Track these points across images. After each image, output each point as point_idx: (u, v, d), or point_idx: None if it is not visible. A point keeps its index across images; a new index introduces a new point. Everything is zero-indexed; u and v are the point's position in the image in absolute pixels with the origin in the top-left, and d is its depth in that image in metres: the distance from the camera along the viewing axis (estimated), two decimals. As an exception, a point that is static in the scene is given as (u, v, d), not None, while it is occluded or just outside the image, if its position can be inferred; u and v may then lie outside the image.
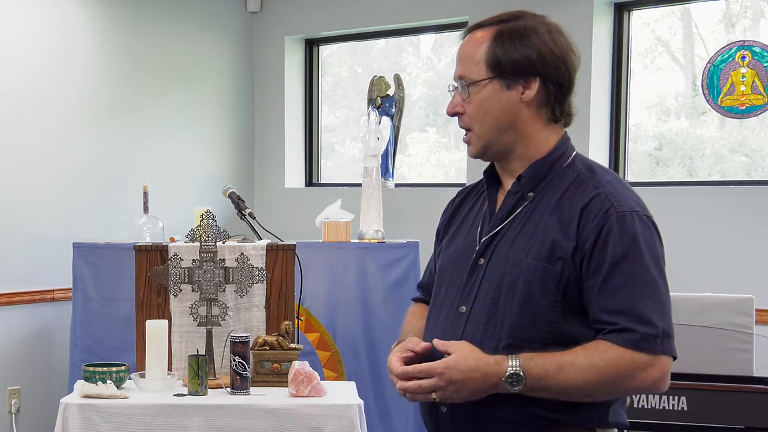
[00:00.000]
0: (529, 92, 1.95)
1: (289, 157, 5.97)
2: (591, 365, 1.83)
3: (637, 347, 1.82)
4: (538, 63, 1.94)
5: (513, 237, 1.95)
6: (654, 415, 3.55)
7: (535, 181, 1.97)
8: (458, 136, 5.62)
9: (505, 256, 1.94)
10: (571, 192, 1.93)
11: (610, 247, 1.85)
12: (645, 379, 1.84)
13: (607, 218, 1.86)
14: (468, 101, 1.99)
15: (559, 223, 1.90)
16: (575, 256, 1.87)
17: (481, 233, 2.02)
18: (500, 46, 1.94)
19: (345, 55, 6.19)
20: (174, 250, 3.54)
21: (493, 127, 1.98)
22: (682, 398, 3.51)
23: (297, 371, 3.31)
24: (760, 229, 4.29)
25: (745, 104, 4.32)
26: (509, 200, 1.99)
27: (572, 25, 4.66)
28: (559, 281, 1.88)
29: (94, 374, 3.35)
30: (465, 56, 1.99)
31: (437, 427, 2.06)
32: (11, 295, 4.87)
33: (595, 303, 1.86)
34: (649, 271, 1.86)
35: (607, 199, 1.89)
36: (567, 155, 2.00)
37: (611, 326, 1.84)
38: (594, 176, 1.95)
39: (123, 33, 5.33)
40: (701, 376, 3.56)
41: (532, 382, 1.84)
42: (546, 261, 1.88)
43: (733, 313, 3.67)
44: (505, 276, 1.92)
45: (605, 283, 1.85)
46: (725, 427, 3.47)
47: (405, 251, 4.59)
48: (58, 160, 5.03)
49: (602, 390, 1.87)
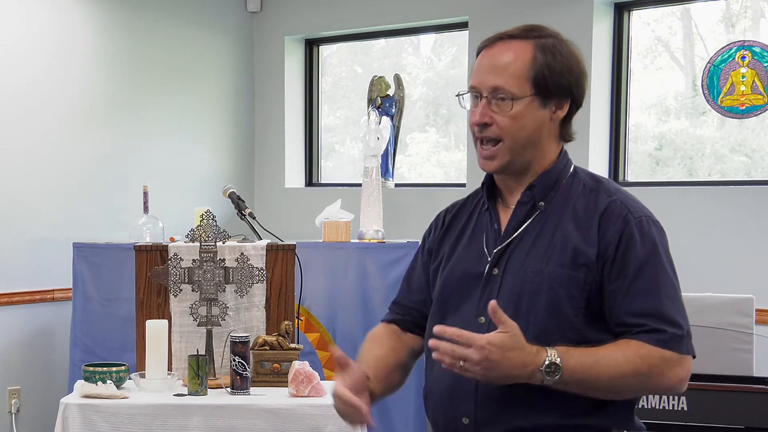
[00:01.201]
0: (560, 112, 2.00)
1: (289, 157, 5.97)
2: (626, 360, 1.85)
3: (667, 347, 1.86)
4: (575, 87, 2.01)
5: (528, 246, 1.97)
6: (654, 415, 3.54)
7: (545, 191, 2.00)
8: (458, 137, 5.62)
9: (523, 265, 1.95)
10: (583, 201, 1.97)
11: (633, 252, 1.90)
12: (672, 378, 1.88)
13: (626, 224, 1.92)
14: (502, 114, 1.96)
15: (578, 231, 1.93)
16: (598, 261, 1.91)
17: (489, 245, 2.02)
18: (546, 66, 1.96)
19: (345, 55, 6.19)
20: (174, 250, 3.54)
21: (523, 142, 1.98)
22: (682, 398, 3.51)
23: (297, 371, 3.31)
24: (760, 229, 4.29)
25: (745, 104, 4.32)
26: (520, 210, 2.01)
27: (572, 25, 4.70)
28: (583, 288, 1.91)
29: (94, 374, 3.35)
30: (503, 67, 1.96)
31: None
32: (11, 295, 4.87)
33: (620, 306, 1.90)
34: (669, 275, 1.93)
35: (623, 205, 1.95)
36: (568, 166, 2.05)
37: (639, 328, 1.87)
38: (602, 185, 2.01)
39: (123, 33, 5.33)
40: (701, 376, 3.55)
41: (568, 374, 1.83)
42: (570, 268, 1.91)
43: (733, 313, 3.67)
44: (525, 284, 1.94)
45: (630, 287, 1.89)
46: (725, 427, 3.47)
47: (405, 251, 4.59)
48: (58, 160, 5.03)
49: (632, 386, 1.90)
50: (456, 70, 5.64)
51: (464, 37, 5.29)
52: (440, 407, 2.02)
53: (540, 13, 4.77)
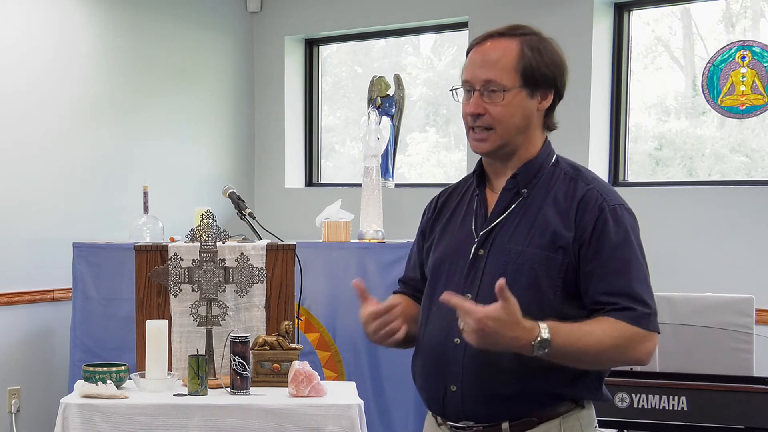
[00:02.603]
0: (545, 102, 2.19)
1: (289, 157, 5.97)
2: (605, 335, 2.04)
3: (637, 323, 2.05)
4: (558, 78, 2.19)
5: (511, 229, 2.15)
6: (654, 415, 3.55)
7: (528, 179, 2.19)
8: (458, 137, 5.62)
9: (506, 246, 2.14)
10: (563, 188, 2.16)
11: (606, 236, 2.08)
12: (643, 351, 2.07)
13: (601, 211, 2.10)
14: (494, 104, 2.15)
15: (558, 216, 2.12)
16: (574, 244, 2.09)
17: (477, 227, 2.21)
18: (533, 58, 2.15)
19: (345, 55, 6.19)
20: (174, 250, 3.54)
21: (513, 129, 2.17)
22: (682, 398, 3.51)
23: (297, 371, 3.31)
24: (760, 229, 4.29)
25: (745, 104, 4.32)
26: (505, 196, 2.19)
27: (572, 25, 4.70)
28: (560, 268, 2.09)
29: (94, 374, 3.35)
30: (494, 61, 2.15)
31: (444, 405, 2.18)
32: (11, 295, 4.87)
33: (594, 286, 2.08)
34: (639, 258, 2.11)
35: (598, 194, 2.13)
36: (551, 156, 2.23)
37: (612, 306, 2.06)
38: (580, 174, 2.20)
39: (123, 33, 5.33)
40: (701, 376, 3.56)
41: (556, 348, 1.99)
42: (548, 250, 2.10)
43: (733, 313, 3.67)
44: (509, 264, 2.12)
45: (604, 268, 2.07)
46: (725, 427, 3.48)
47: (405, 251, 4.53)
48: (58, 160, 5.03)
49: (610, 358, 2.11)
50: (456, 70, 5.62)
51: (464, 37, 5.29)
52: (429, 376, 2.20)
53: (540, 13, 4.77)
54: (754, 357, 3.65)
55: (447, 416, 2.19)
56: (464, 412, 2.15)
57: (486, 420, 2.14)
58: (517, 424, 2.12)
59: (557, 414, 2.13)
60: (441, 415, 2.22)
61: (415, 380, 2.28)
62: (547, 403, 2.12)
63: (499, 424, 2.13)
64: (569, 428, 2.14)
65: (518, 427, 2.12)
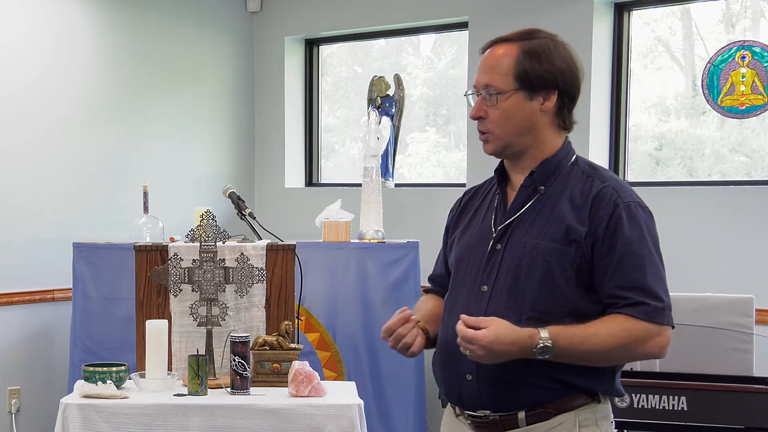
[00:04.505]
0: (548, 103, 2.24)
1: (289, 157, 5.97)
2: (611, 335, 2.11)
3: (650, 318, 2.12)
4: (559, 79, 2.24)
5: (528, 224, 2.23)
6: (654, 415, 3.54)
7: (545, 176, 2.26)
8: (458, 137, 5.62)
9: (522, 240, 2.22)
10: (579, 185, 2.22)
11: (621, 232, 2.14)
12: (654, 346, 2.14)
13: (616, 207, 2.16)
14: (493, 107, 2.25)
15: (573, 211, 2.19)
16: (587, 239, 2.16)
17: (496, 223, 2.30)
18: (527, 62, 2.22)
19: (345, 55, 6.19)
20: (174, 250, 3.54)
21: (512, 131, 2.25)
22: (682, 398, 3.51)
23: (297, 371, 3.31)
24: (760, 229, 4.29)
25: (745, 104, 4.32)
26: (523, 193, 2.28)
27: (572, 25, 4.69)
28: (573, 261, 2.16)
29: (94, 374, 3.35)
30: (491, 67, 2.25)
31: (460, 392, 2.27)
32: (11, 295, 4.87)
33: (609, 280, 2.15)
34: (653, 254, 2.16)
35: (614, 191, 2.19)
36: (570, 155, 2.30)
37: (625, 300, 2.13)
38: (597, 172, 2.26)
39: (123, 33, 5.33)
40: (701, 376, 3.55)
41: (559, 352, 2.10)
42: (562, 243, 2.17)
43: (733, 313, 3.67)
44: (524, 257, 2.20)
45: (619, 263, 2.13)
46: (725, 427, 3.47)
47: (405, 251, 4.59)
48: (58, 160, 5.03)
49: (619, 355, 2.18)
50: (456, 70, 5.64)
51: (464, 37, 5.29)
52: (446, 367, 2.29)
53: (540, 14, 4.77)
54: (754, 357, 3.64)
55: (464, 405, 2.27)
56: (481, 400, 2.23)
57: (502, 409, 2.21)
58: (533, 414, 2.19)
59: (573, 407, 2.19)
60: (459, 405, 2.30)
61: (435, 373, 2.36)
62: (561, 392, 2.18)
63: (515, 413, 2.20)
64: (584, 421, 2.20)
65: (534, 417, 2.19)
